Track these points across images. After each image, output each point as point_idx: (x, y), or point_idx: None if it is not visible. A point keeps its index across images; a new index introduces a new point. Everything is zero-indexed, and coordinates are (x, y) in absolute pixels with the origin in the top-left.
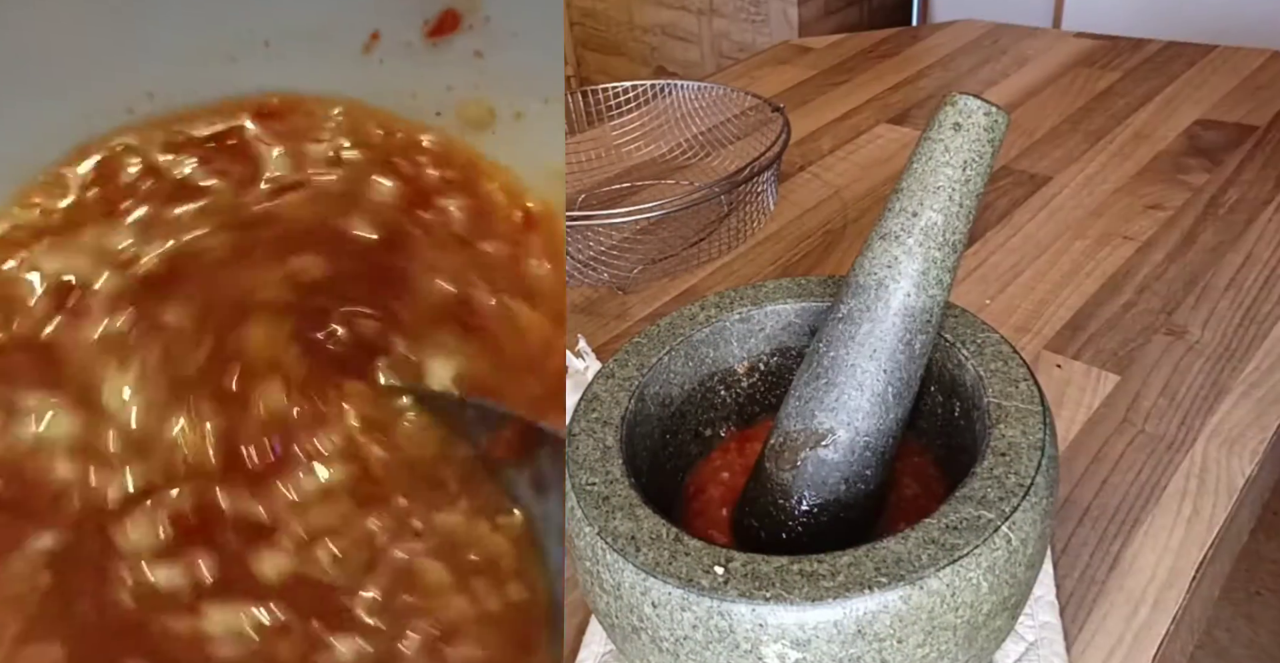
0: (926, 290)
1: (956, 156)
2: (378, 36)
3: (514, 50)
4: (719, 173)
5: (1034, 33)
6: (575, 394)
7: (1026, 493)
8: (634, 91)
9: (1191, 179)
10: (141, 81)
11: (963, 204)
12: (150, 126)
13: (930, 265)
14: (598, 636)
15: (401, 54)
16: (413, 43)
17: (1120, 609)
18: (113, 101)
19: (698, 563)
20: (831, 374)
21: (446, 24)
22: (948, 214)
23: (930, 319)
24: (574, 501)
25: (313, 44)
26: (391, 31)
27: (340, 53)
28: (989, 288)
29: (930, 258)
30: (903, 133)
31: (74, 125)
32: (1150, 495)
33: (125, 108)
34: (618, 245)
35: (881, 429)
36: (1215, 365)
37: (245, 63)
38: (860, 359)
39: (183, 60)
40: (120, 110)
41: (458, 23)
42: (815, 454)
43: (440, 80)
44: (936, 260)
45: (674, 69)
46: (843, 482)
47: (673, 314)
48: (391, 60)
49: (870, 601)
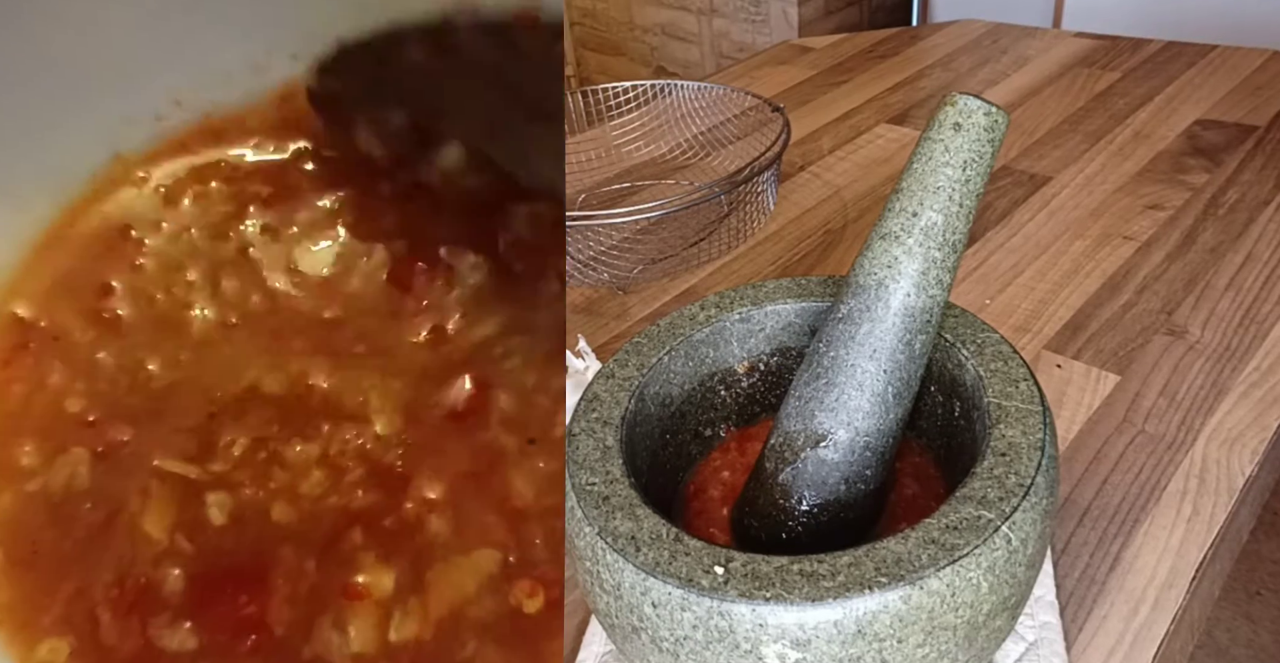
0: (926, 290)
1: (957, 157)
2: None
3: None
4: (719, 173)
5: (1034, 33)
6: (575, 394)
7: (1026, 493)
8: (634, 91)
9: (1191, 179)
10: (170, 90)
11: (963, 204)
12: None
13: (930, 265)
14: (598, 636)
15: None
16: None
17: (1120, 609)
18: (143, 109)
19: (698, 563)
20: (831, 374)
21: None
22: (948, 214)
23: (930, 319)
24: (574, 501)
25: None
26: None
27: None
28: (989, 288)
29: (930, 258)
30: (903, 133)
31: (108, 133)
32: (1150, 496)
33: (155, 115)
34: (618, 245)
35: (881, 429)
36: (1215, 365)
37: (271, 73)
38: (860, 359)
39: (211, 69)
40: (149, 118)
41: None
42: (815, 454)
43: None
44: (936, 260)
45: (674, 69)
46: (843, 482)
47: (673, 314)
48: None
49: (870, 601)
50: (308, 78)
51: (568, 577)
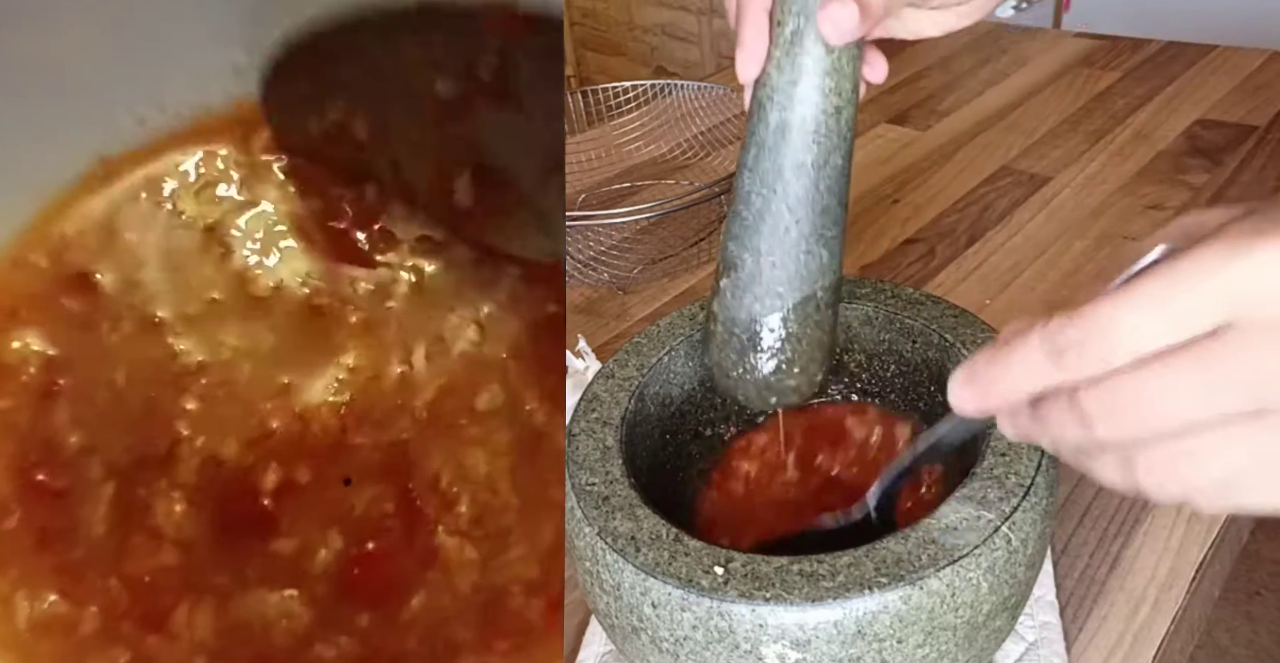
0: (807, 100)
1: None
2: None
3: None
4: (719, 173)
5: (1034, 33)
6: (575, 394)
7: (1026, 493)
8: (634, 91)
9: (1191, 179)
10: (153, 93)
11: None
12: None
13: (801, 74)
14: (598, 636)
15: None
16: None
17: (1120, 609)
18: (125, 113)
19: (698, 563)
20: (734, 204)
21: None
22: (809, 14)
23: (818, 128)
24: (574, 501)
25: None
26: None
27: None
28: (989, 288)
29: (799, 66)
30: (903, 133)
31: (90, 138)
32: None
33: (137, 120)
34: (618, 245)
35: (785, 247)
36: None
37: (251, 75)
38: (754, 185)
39: (194, 73)
40: (131, 123)
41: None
42: (729, 281)
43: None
44: (807, 67)
45: (674, 69)
46: (755, 302)
47: (673, 314)
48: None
49: (870, 601)
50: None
51: (568, 577)
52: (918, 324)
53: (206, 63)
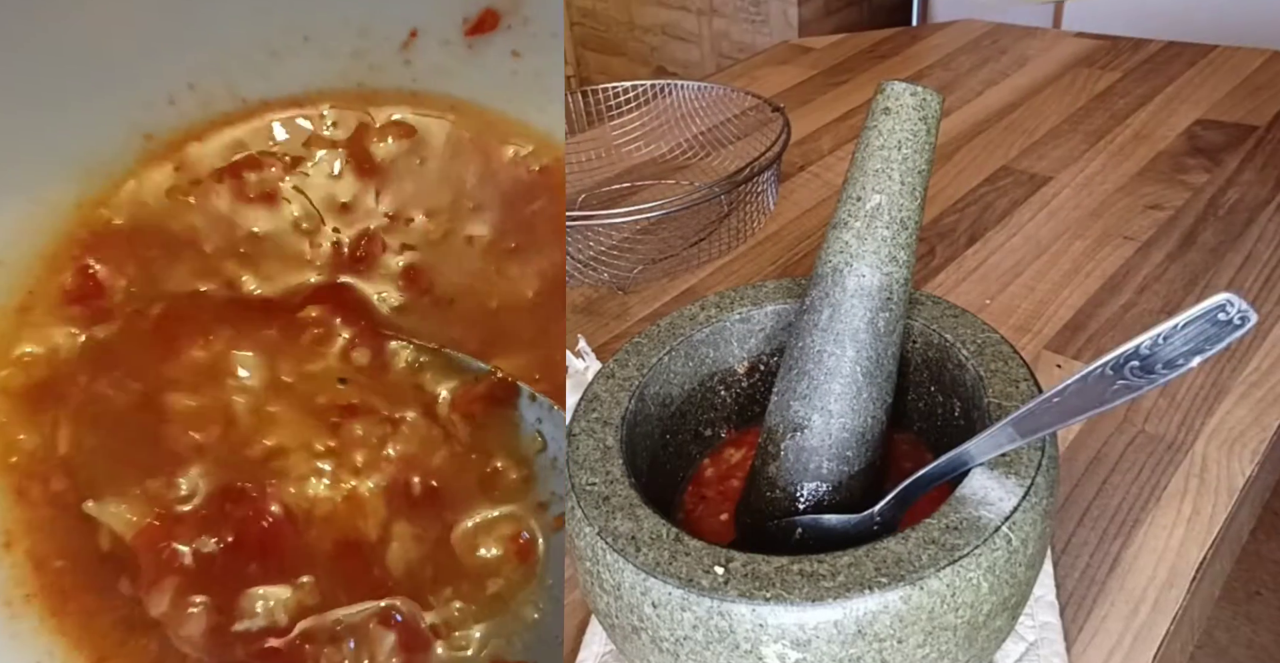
0: (881, 269)
1: (891, 138)
2: (416, 34)
3: (549, 53)
4: (719, 173)
5: (1034, 33)
6: (575, 394)
7: (1026, 493)
8: (634, 91)
9: (1191, 179)
10: (184, 73)
11: (904, 182)
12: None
13: (881, 244)
14: (598, 636)
15: (438, 52)
16: (451, 41)
17: (1120, 609)
18: (157, 93)
19: (698, 563)
20: (801, 364)
21: (486, 23)
22: (890, 193)
23: (890, 296)
24: (574, 500)
25: (352, 40)
26: (430, 29)
27: (379, 49)
28: (989, 288)
29: (880, 237)
30: None
31: (124, 117)
32: (1150, 496)
33: (168, 99)
34: (618, 245)
35: (856, 409)
36: (1215, 365)
37: (285, 57)
38: (826, 345)
39: (225, 52)
40: (163, 102)
41: (497, 22)
42: (794, 442)
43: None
44: (887, 239)
45: (674, 69)
46: (824, 464)
47: (673, 314)
48: (427, 58)
49: (870, 601)
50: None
51: (568, 577)
52: (918, 324)
53: (241, 42)
